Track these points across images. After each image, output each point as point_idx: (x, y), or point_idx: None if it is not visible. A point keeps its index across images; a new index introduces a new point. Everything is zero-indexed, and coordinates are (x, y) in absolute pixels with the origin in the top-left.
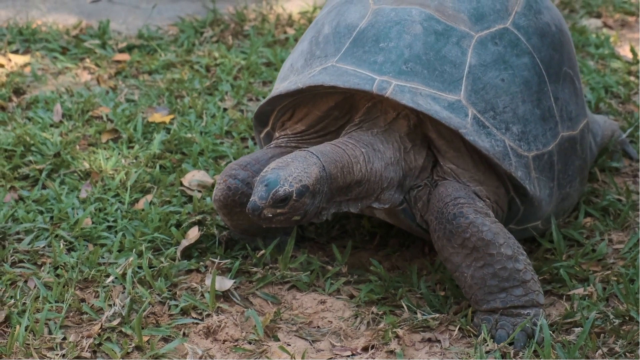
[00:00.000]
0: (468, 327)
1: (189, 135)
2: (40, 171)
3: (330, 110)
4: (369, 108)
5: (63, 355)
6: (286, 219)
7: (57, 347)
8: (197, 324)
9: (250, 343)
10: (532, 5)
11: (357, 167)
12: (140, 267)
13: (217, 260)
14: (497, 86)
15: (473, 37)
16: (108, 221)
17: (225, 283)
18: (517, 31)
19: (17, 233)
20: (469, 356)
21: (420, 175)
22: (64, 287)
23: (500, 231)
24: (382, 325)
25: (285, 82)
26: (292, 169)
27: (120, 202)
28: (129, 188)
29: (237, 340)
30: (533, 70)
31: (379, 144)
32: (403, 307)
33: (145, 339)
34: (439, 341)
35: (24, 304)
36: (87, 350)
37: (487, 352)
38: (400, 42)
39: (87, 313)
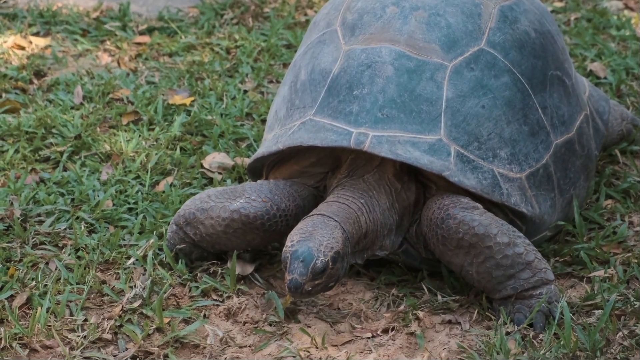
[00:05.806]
0: (486, 312)
1: (209, 117)
2: (61, 153)
3: (324, 159)
4: (353, 159)
5: (84, 337)
6: (323, 288)
7: (78, 328)
8: (218, 305)
9: (270, 325)
10: (507, 15)
11: (363, 218)
12: (160, 249)
13: None
14: (479, 114)
15: (447, 67)
16: (129, 203)
17: (246, 268)
18: (493, 49)
19: (39, 215)
20: (490, 338)
21: (415, 210)
22: (85, 269)
23: (492, 221)
24: (402, 307)
25: (270, 133)
26: (319, 238)
27: (140, 184)
28: (149, 170)
29: (257, 322)
30: (515, 88)
31: (373, 190)
32: (423, 289)
33: (166, 320)
34: (459, 323)
35: (45, 285)
36: (108, 332)
37: (507, 334)
38: (374, 87)
39: (108, 295)
